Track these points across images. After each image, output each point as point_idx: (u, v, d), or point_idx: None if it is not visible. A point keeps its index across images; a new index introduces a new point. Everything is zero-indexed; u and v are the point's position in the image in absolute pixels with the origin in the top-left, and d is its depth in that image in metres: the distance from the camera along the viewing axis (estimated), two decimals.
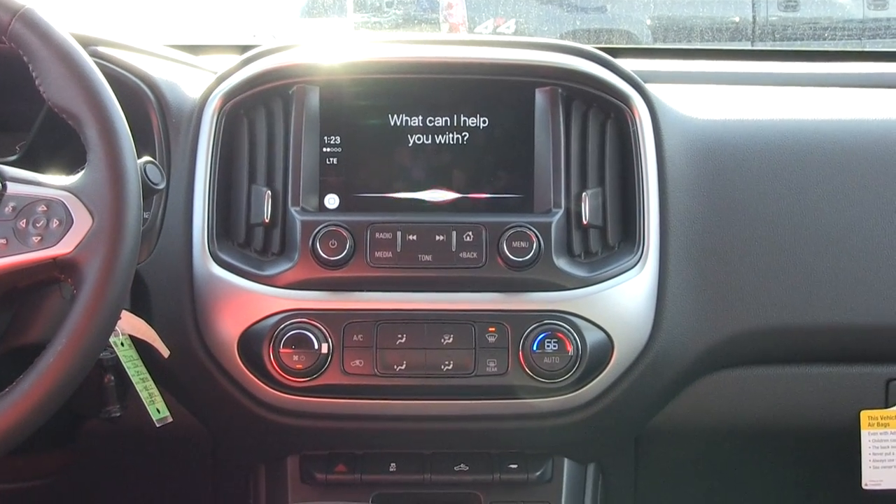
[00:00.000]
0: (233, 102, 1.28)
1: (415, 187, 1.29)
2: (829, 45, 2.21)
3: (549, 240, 1.23)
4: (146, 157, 1.10)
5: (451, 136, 1.29)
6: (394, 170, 1.29)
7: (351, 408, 1.26)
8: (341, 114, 1.29)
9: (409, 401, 1.25)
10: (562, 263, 1.24)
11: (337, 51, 1.31)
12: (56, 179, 1.03)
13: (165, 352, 1.19)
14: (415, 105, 1.29)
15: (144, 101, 1.30)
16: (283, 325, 1.22)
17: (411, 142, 1.29)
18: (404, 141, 1.29)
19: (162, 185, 1.12)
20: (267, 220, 1.26)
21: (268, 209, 1.26)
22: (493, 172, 1.29)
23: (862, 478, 1.38)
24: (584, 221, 1.26)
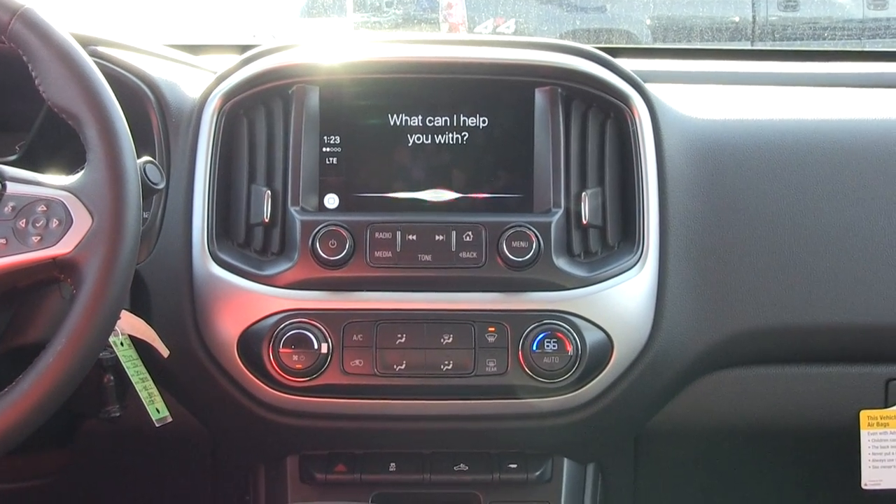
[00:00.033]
0: (232, 102, 1.28)
1: (414, 187, 1.29)
2: (828, 45, 2.21)
3: (548, 239, 1.23)
4: (146, 157, 1.10)
5: (450, 135, 1.29)
6: (393, 169, 1.29)
7: (350, 408, 1.26)
8: (341, 113, 1.29)
9: (408, 401, 1.25)
10: (561, 263, 1.24)
11: (337, 51, 1.31)
12: (56, 179, 1.03)
13: (165, 352, 1.19)
14: (414, 105, 1.29)
15: (144, 101, 1.30)
16: (282, 325, 1.22)
17: (411, 141, 1.29)
18: (404, 141, 1.29)
19: (161, 185, 1.12)
20: (266, 220, 1.26)
21: (267, 209, 1.26)
22: (493, 172, 1.29)
23: (861, 477, 1.38)
24: (584, 221, 1.26)
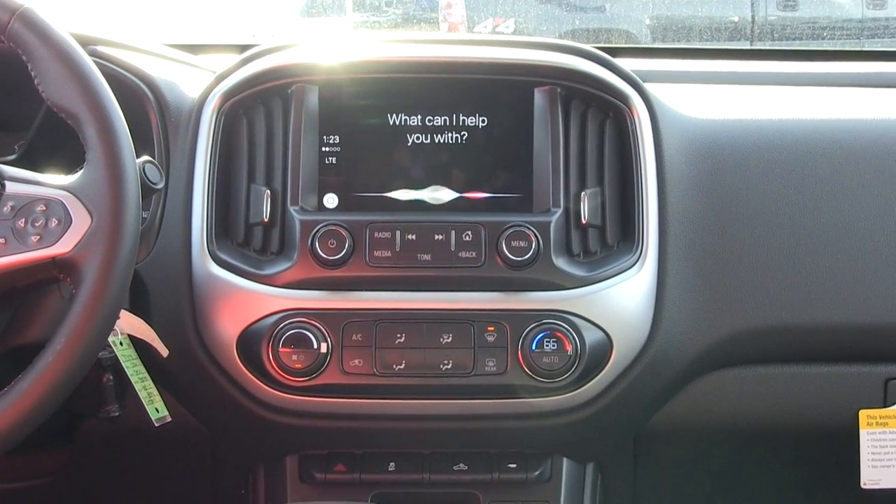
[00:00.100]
0: (232, 102, 1.28)
1: (414, 187, 1.29)
2: (827, 45, 2.21)
3: (548, 239, 1.23)
4: (145, 157, 1.09)
5: (450, 135, 1.29)
6: (393, 169, 1.29)
7: (350, 407, 1.26)
8: (340, 113, 1.29)
9: (408, 400, 1.25)
10: (561, 263, 1.24)
11: (336, 50, 1.31)
12: (55, 179, 1.03)
13: (164, 351, 1.19)
14: (414, 104, 1.29)
15: (143, 101, 1.30)
16: (282, 325, 1.22)
17: (410, 141, 1.29)
18: (403, 140, 1.29)
19: (161, 185, 1.12)
20: (266, 220, 1.26)
21: (267, 208, 1.26)
22: (493, 172, 1.29)
23: (861, 477, 1.38)
24: (583, 221, 1.26)
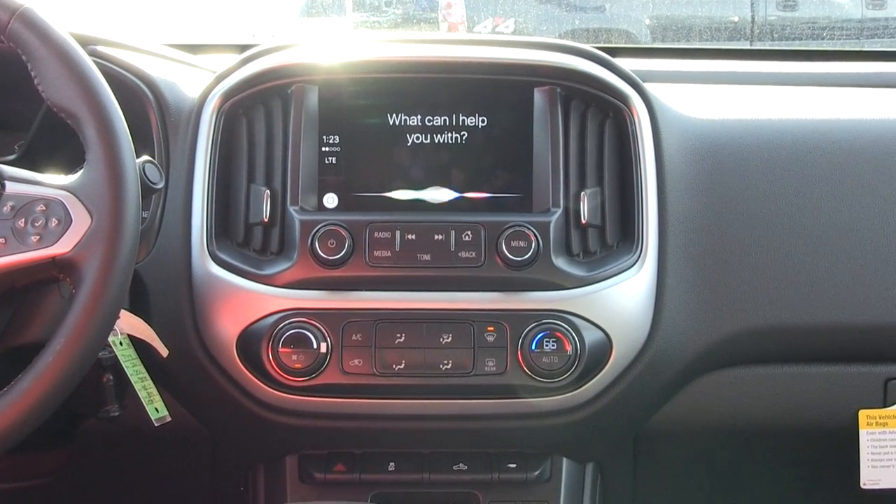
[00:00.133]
0: (231, 102, 1.28)
1: (414, 187, 1.29)
2: (827, 45, 2.21)
3: (547, 239, 1.23)
4: (145, 157, 1.09)
5: (449, 135, 1.29)
6: (393, 169, 1.29)
7: (350, 407, 1.26)
8: (340, 113, 1.29)
9: (407, 400, 1.25)
10: (560, 263, 1.24)
11: (336, 50, 1.31)
12: (55, 179, 1.03)
13: (164, 351, 1.19)
14: (414, 104, 1.29)
15: (143, 101, 1.30)
16: (281, 325, 1.22)
17: (410, 141, 1.29)
18: (403, 140, 1.29)
19: (161, 185, 1.12)
20: (266, 220, 1.26)
21: (266, 208, 1.26)
22: (492, 172, 1.29)
23: (860, 477, 1.38)
24: (583, 221, 1.26)
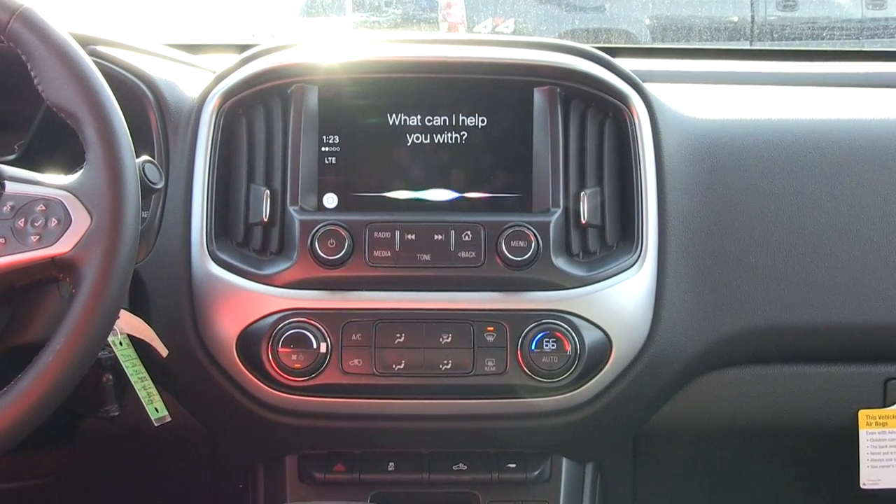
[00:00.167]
0: (231, 102, 1.28)
1: (413, 187, 1.29)
2: (827, 45, 2.21)
3: (547, 239, 1.23)
4: (145, 157, 1.09)
5: (449, 135, 1.29)
6: (392, 169, 1.29)
7: (349, 407, 1.26)
8: (340, 113, 1.29)
9: (407, 400, 1.25)
10: (560, 263, 1.24)
11: (335, 50, 1.31)
12: (54, 179, 1.03)
13: (164, 351, 1.19)
14: (413, 104, 1.29)
15: (143, 101, 1.30)
16: (281, 325, 1.22)
17: (410, 141, 1.29)
18: (403, 140, 1.29)
19: (160, 185, 1.11)
20: (265, 220, 1.26)
21: (266, 208, 1.26)
22: (492, 172, 1.29)
23: (860, 477, 1.38)
24: (583, 221, 1.26)
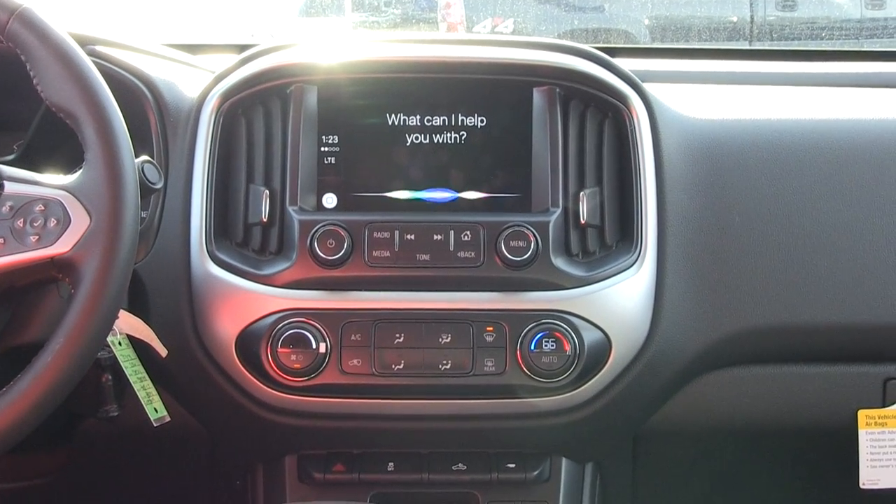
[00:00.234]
0: (231, 102, 1.28)
1: (413, 187, 1.29)
2: (826, 45, 2.21)
3: (546, 239, 1.23)
4: (144, 157, 1.09)
5: (448, 135, 1.29)
6: (392, 169, 1.29)
7: (349, 407, 1.26)
8: (339, 113, 1.29)
9: (406, 400, 1.25)
10: (559, 263, 1.24)
11: (335, 50, 1.31)
12: (54, 179, 1.03)
13: (163, 351, 1.19)
14: (413, 104, 1.29)
15: (142, 101, 1.30)
16: (280, 325, 1.22)
17: (409, 141, 1.29)
18: (402, 140, 1.29)
19: (160, 185, 1.11)
20: (265, 220, 1.26)
21: (266, 208, 1.26)
22: (491, 172, 1.29)
23: (859, 477, 1.38)
24: (582, 221, 1.26)
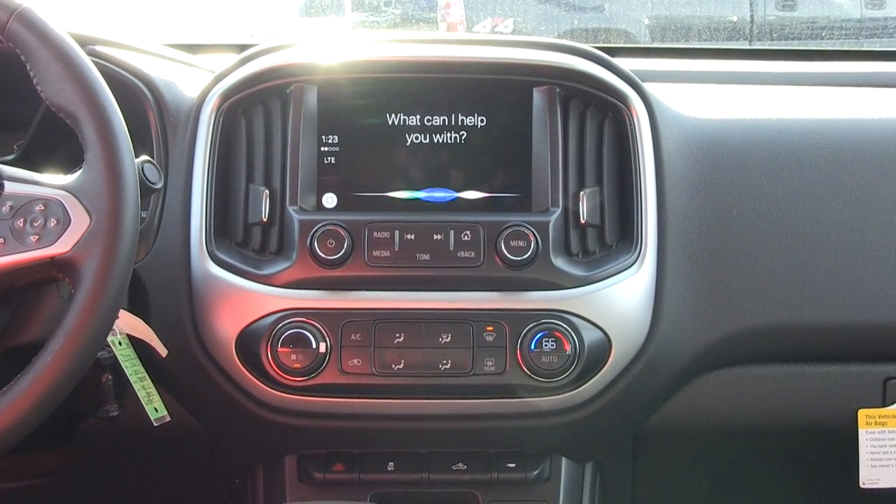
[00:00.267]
0: (230, 102, 1.28)
1: (413, 186, 1.29)
2: (826, 45, 2.21)
3: (546, 239, 1.23)
4: (144, 157, 1.09)
5: (448, 135, 1.29)
6: (392, 169, 1.29)
7: (349, 407, 1.26)
8: (339, 113, 1.29)
9: (406, 400, 1.25)
10: (559, 262, 1.24)
11: (335, 50, 1.31)
12: (54, 179, 1.03)
13: (163, 351, 1.19)
14: (413, 104, 1.29)
15: (142, 101, 1.30)
16: (280, 325, 1.22)
17: (409, 141, 1.29)
18: (402, 140, 1.29)
19: (160, 185, 1.11)
20: (265, 220, 1.26)
21: (265, 208, 1.26)
22: (491, 171, 1.29)
23: (859, 476, 1.38)
24: (582, 220, 1.26)
